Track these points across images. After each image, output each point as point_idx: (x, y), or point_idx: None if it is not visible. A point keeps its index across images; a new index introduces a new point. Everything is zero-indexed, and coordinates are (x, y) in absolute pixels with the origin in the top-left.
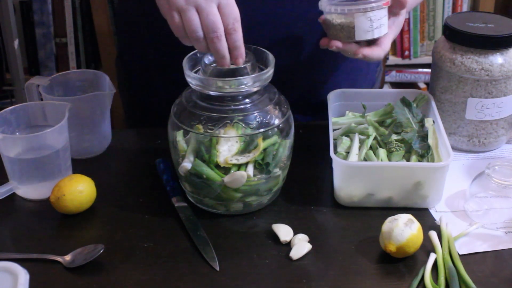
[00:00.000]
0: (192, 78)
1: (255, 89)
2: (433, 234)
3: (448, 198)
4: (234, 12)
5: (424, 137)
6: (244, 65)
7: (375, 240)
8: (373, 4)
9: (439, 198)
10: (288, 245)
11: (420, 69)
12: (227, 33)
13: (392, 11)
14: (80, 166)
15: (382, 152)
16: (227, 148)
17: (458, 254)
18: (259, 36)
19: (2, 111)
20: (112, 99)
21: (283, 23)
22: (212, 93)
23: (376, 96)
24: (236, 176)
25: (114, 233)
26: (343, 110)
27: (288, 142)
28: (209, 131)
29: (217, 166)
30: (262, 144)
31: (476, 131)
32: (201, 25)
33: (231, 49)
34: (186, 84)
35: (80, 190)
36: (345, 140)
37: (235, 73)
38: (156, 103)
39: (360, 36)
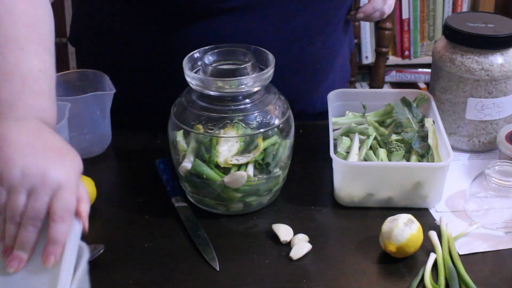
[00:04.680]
0: (192, 78)
1: (255, 89)
2: (433, 234)
3: (448, 198)
4: (68, 200)
5: (424, 137)
6: (244, 65)
7: (375, 240)
8: None
9: (439, 198)
10: (288, 245)
11: (420, 69)
12: (51, 221)
13: None
14: None
15: (382, 152)
16: (227, 148)
17: (458, 254)
18: (259, 37)
19: None
20: (112, 99)
21: (285, 25)
22: (212, 93)
23: (376, 96)
24: (236, 176)
25: (114, 233)
26: (343, 110)
27: (288, 142)
28: (209, 131)
29: (217, 166)
30: (262, 144)
31: (476, 131)
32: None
33: (48, 243)
34: (186, 84)
35: None
36: (345, 140)
37: (235, 73)
38: (156, 103)
39: None
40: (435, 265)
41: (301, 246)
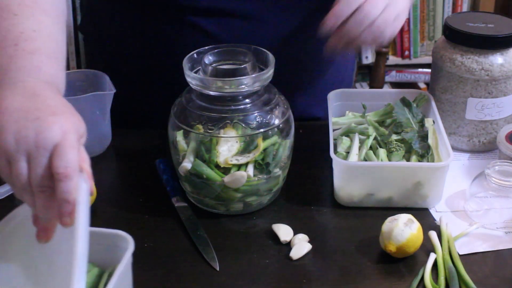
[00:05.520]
0: (192, 78)
1: (255, 89)
2: (433, 234)
3: (448, 198)
4: (68, 156)
5: (424, 137)
6: (244, 65)
7: (375, 240)
8: None
9: (439, 198)
10: (288, 245)
11: (420, 69)
12: (55, 181)
13: None
14: None
15: (382, 152)
16: (227, 148)
17: (458, 254)
18: (258, 35)
19: None
20: (112, 99)
21: (283, 24)
22: (212, 93)
23: (376, 96)
24: (236, 176)
25: None
26: (343, 110)
27: (288, 142)
28: (209, 131)
29: (217, 166)
30: (262, 144)
31: (476, 131)
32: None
33: (58, 204)
34: (182, 85)
35: None
36: (345, 140)
37: (235, 73)
38: (156, 103)
39: None
40: (435, 265)
41: (301, 246)
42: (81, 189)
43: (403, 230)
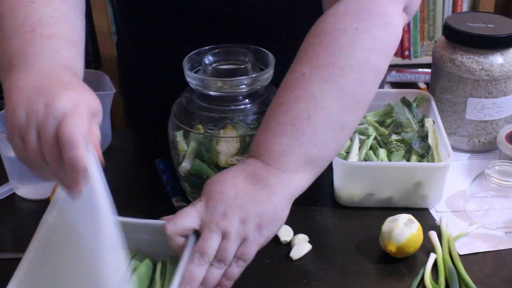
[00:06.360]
0: (192, 78)
1: (255, 89)
2: (433, 234)
3: (448, 198)
4: (74, 124)
5: (424, 137)
6: (244, 65)
7: (375, 240)
8: None
9: (439, 198)
10: (288, 245)
11: (420, 69)
12: (62, 150)
13: None
14: None
15: (382, 152)
16: (227, 148)
17: (458, 254)
18: (257, 33)
19: (2, 111)
20: (112, 99)
21: (283, 21)
22: (212, 93)
23: (376, 96)
24: None
25: None
26: None
27: None
28: (209, 131)
29: (217, 166)
30: None
31: (476, 131)
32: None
33: (68, 173)
34: (186, 84)
35: None
36: None
37: (235, 73)
38: (156, 103)
39: None
40: (435, 265)
41: (301, 246)
42: (90, 160)
43: (403, 230)
